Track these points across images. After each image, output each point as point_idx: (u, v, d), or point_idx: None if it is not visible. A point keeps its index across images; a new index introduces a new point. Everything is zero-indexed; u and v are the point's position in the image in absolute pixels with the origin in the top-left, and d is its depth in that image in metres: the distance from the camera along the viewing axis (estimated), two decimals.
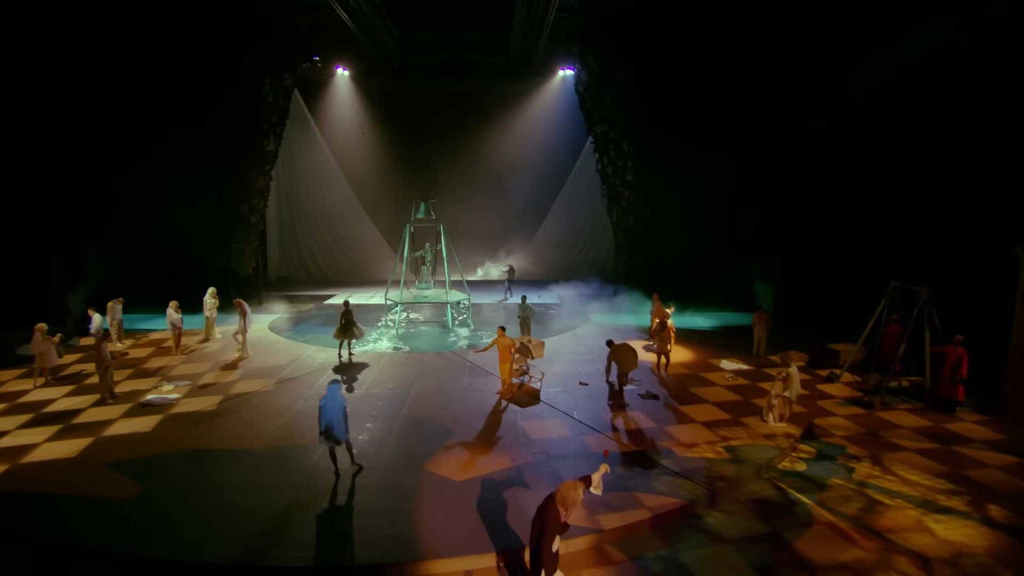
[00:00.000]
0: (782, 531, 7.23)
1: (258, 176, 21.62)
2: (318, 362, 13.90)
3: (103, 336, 13.21)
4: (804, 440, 9.93)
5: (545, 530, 5.29)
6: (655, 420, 10.47)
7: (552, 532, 5.26)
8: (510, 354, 11.72)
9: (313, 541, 6.90)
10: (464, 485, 8.18)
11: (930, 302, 11.65)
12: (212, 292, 16.11)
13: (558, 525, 5.30)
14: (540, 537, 5.27)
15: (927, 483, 8.44)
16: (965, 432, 10.29)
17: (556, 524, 5.29)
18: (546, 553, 5.26)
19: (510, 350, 11.74)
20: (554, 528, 5.27)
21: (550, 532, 5.27)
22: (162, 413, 10.78)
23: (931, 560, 6.65)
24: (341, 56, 24.85)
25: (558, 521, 5.31)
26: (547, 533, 5.27)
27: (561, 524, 5.33)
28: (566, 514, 5.37)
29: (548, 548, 5.27)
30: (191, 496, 7.90)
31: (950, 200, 13.01)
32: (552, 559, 5.30)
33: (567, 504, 5.34)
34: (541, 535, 5.27)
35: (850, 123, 15.61)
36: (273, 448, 9.37)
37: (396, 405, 11.26)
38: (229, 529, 7.13)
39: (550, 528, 5.27)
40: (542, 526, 5.30)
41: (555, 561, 5.34)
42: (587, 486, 5.60)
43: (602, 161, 22.29)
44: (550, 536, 5.26)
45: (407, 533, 7.05)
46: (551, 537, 5.27)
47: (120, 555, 6.71)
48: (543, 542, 5.28)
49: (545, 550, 5.26)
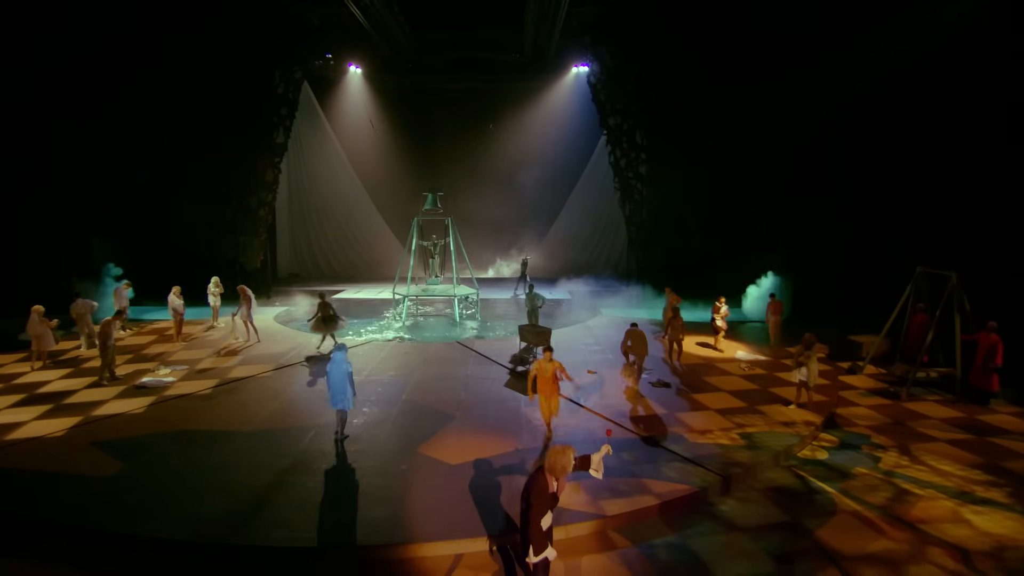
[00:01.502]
0: (802, 519, 6.64)
1: (267, 169, 21.43)
2: (320, 350, 13.53)
3: (113, 317, 12.86)
4: (825, 429, 9.29)
5: (532, 502, 4.78)
6: (666, 407, 9.91)
7: (540, 504, 4.75)
8: (556, 383, 8.51)
9: (294, 521, 6.46)
10: (459, 469, 7.71)
11: (960, 287, 10.95)
12: (216, 281, 15.89)
13: (546, 496, 4.79)
14: (527, 511, 4.78)
15: (962, 474, 7.78)
16: (1001, 424, 9.58)
17: (544, 495, 4.78)
18: (534, 528, 4.75)
19: (556, 378, 8.48)
20: (542, 500, 4.76)
21: (538, 504, 4.76)
22: (155, 395, 10.47)
23: (971, 552, 6.02)
24: (354, 54, 24.68)
25: (546, 492, 4.80)
26: (534, 506, 4.76)
27: (550, 495, 4.82)
28: (556, 484, 4.86)
29: (536, 523, 4.76)
30: (171, 475, 7.54)
31: (979, 178, 12.29)
32: (542, 535, 4.79)
33: (556, 471, 4.83)
34: (528, 508, 4.78)
35: (867, 104, 14.94)
36: (264, 430, 8.99)
37: (396, 391, 10.83)
38: (206, 507, 6.75)
39: (537, 500, 4.77)
40: (529, 498, 4.80)
41: (545, 538, 4.83)
42: (586, 468, 5.09)
43: (615, 154, 21.78)
44: (538, 509, 4.75)
45: (396, 515, 6.60)
46: (539, 510, 4.76)
47: (88, 530, 6.35)
48: (531, 516, 4.77)
49: (533, 524, 4.75)
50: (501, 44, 24.09)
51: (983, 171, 12.32)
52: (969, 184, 12.52)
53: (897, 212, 14.11)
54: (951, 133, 12.94)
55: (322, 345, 13.65)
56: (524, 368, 11.79)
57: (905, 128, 13.99)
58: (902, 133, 14.07)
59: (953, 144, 12.93)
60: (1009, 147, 11.80)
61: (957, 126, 12.78)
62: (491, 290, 21.65)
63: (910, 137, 13.87)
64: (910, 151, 13.87)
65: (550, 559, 4.87)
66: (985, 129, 12.36)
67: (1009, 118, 11.86)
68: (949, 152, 13.00)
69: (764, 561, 5.87)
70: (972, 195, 12.43)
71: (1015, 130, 11.77)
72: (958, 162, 12.79)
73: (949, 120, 12.91)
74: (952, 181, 12.83)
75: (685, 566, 5.83)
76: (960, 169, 12.72)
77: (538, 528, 4.76)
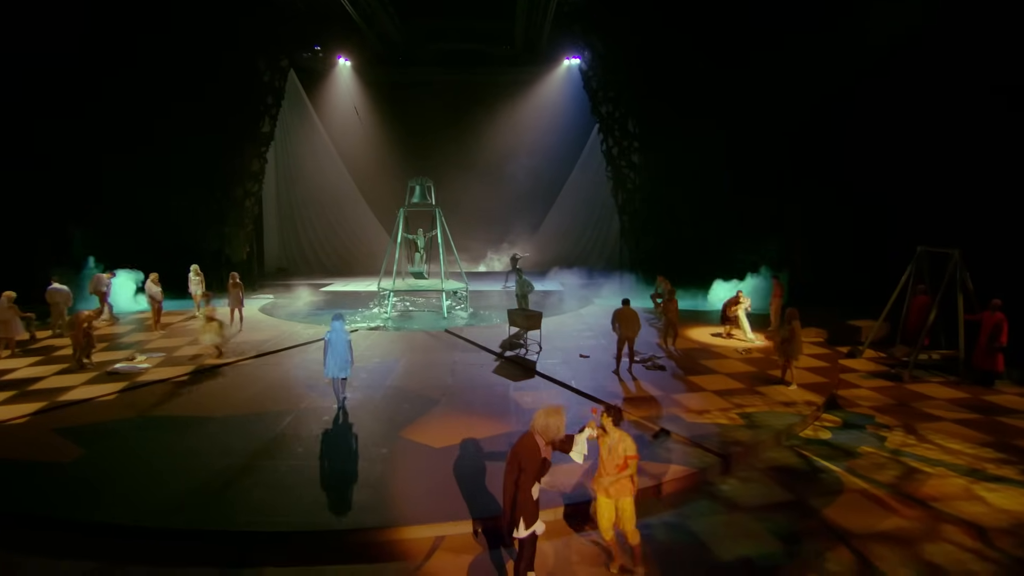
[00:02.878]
0: (808, 499, 6.24)
1: (253, 158, 20.95)
2: (303, 337, 13.05)
3: (92, 311, 12.28)
4: (827, 410, 8.91)
5: (523, 467, 4.35)
6: (662, 389, 9.51)
7: (531, 470, 4.32)
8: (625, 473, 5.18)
9: (265, 505, 6.01)
10: (443, 452, 7.27)
11: (963, 265, 10.62)
12: (195, 269, 15.38)
13: (536, 461, 4.36)
14: (517, 478, 4.35)
15: (972, 452, 7.41)
16: (1008, 404, 9.23)
17: (534, 460, 4.35)
18: (523, 496, 4.33)
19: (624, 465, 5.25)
20: (532, 465, 4.33)
21: (528, 469, 4.33)
22: (127, 381, 9.97)
23: (988, 530, 5.64)
24: (343, 46, 24.26)
25: (536, 456, 4.38)
26: (526, 471, 4.33)
27: (540, 460, 4.39)
28: (545, 447, 4.45)
29: (526, 491, 4.33)
30: (135, 460, 7.06)
31: (981, 154, 11.96)
32: (532, 506, 4.36)
33: (546, 433, 4.41)
34: (519, 475, 4.34)
35: (863, 84, 14.59)
36: (239, 416, 8.52)
37: (380, 377, 10.38)
38: (170, 491, 6.28)
39: (528, 464, 4.34)
40: (519, 464, 4.37)
41: (535, 509, 4.41)
42: (567, 450, 4.66)
43: (607, 142, 21.41)
44: (529, 475, 4.33)
45: (375, 499, 6.15)
46: (530, 476, 4.33)
47: (39, 516, 5.86)
48: (520, 482, 4.34)
49: (523, 493, 4.33)
50: (492, 36, 23.72)
51: (984, 148, 12.01)
52: (970, 162, 12.21)
53: (896, 193, 13.78)
54: (950, 111, 12.62)
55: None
56: (513, 353, 11.36)
57: (903, 107, 13.68)
58: (900, 112, 13.76)
59: (952, 122, 12.61)
60: (1009, 113, 11.46)
61: (956, 103, 12.47)
62: (482, 284, 21.20)
63: (908, 116, 13.56)
64: (908, 130, 13.54)
65: (538, 533, 4.45)
66: (984, 106, 12.05)
67: (1008, 94, 11.56)
68: (948, 130, 12.68)
69: (769, 541, 5.47)
70: (973, 173, 12.13)
71: (1015, 104, 11.46)
72: (958, 140, 12.48)
73: (948, 97, 12.60)
74: (952, 159, 12.51)
75: (684, 546, 5.42)
76: (960, 147, 12.40)
77: (528, 497, 4.33)
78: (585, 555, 5.30)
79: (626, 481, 4.93)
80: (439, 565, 5.18)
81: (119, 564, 5.23)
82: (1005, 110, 11.68)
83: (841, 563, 5.12)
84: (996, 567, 5.07)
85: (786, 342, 9.44)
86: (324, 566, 5.24)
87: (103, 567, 5.19)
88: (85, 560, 5.30)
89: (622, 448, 4.89)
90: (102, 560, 5.30)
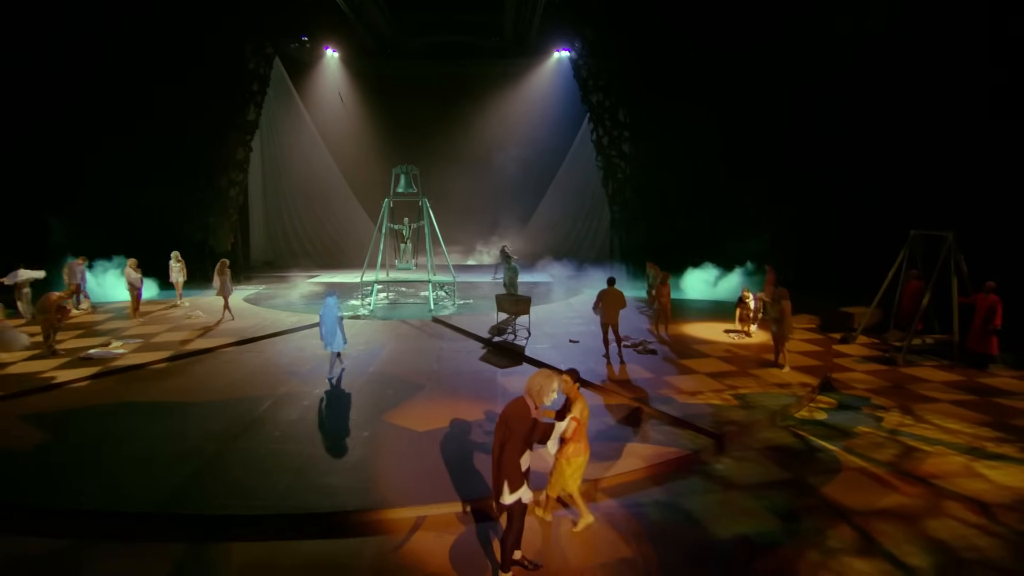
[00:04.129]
0: (806, 477, 6.03)
1: (238, 147, 20.51)
2: (286, 325, 12.71)
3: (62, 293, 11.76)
4: (821, 393, 8.73)
5: (511, 428, 4.09)
6: (653, 372, 9.29)
7: (519, 432, 4.06)
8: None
9: (238, 489, 5.71)
10: (426, 435, 6.99)
11: (957, 247, 10.49)
12: (176, 255, 14.94)
13: (525, 423, 4.10)
14: (504, 440, 4.09)
15: (970, 431, 7.25)
16: (1003, 386, 9.09)
17: (523, 422, 4.09)
18: (509, 460, 4.07)
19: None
20: (520, 427, 4.07)
21: (516, 431, 4.08)
22: (101, 366, 9.59)
23: (991, 506, 5.45)
24: (330, 37, 23.88)
25: (526, 419, 4.12)
26: (512, 432, 4.08)
27: (530, 422, 4.13)
28: (537, 411, 4.19)
29: (512, 454, 4.07)
30: (104, 447, 6.72)
31: (972, 138, 11.85)
32: (519, 471, 4.10)
33: (539, 396, 4.16)
34: (507, 437, 4.09)
35: (854, 68, 14.45)
36: (217, 401, 8.19)
37: (363, 364, 10.09)
38: (139, 478, 5.96)
39: (516, 426, 4.08)
40: (507, 426, 4.11)
41: (520, 474, 4.14)
42: (544, 440, 4.44)
43: (597, 131, 21.19)
44: (516, 437, 4.07)
45: (353, 482, 5.86)
46: (517, 439, 4.07)
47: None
48: (506, 445, 4.10)
49: (508, 456, 4.07)
50: (482, 28, 23.47)
51: (974, 133, 11.90)
52: (960, 146, 12.09)
53: (888, 178, 13.67)
54: (940, 96, 12.52)
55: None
56: (501, 339, 11.10)
57: (893, 92, 13.58)
58: (890, 98, 13.65)
59: (943, 106, 12.50)
60: (998, 96, 11.36)
61: (946, 88, 12.37)
62: (471, 276, 20.89)
63: (898, 102, 13.46)
64: (898, 116, 13.44)
65: (525, 501, 4.19)
66: (974, 91, 11.96)
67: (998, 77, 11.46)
68: (938, 114, 12.57)
69: (767, 519, 5.25)
70: (964, 157, 12.01)
71: (1005, 87, 11.36)
72: (948, 124, 12.36)
73: (938, 82, 12.50)
74: (943, 143, 12.39)
75: (678, 525, 5.18)
76: (951, 131, 12.28)
77: (515, 461, 4.08)
78: (573, 535, 5.04)
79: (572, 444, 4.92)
80: (421, 544, 4.91)
81: (87, 541, 4.92)
82: (994, 93, 11.59)
83: (843, 540, 4.91)
84: (1002, 541, 4.89)
85: (776, 322, 9.26)
86: (300, 541, 4.96)
87: (73, 545, 4.90)
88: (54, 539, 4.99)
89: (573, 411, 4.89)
90: (71, 538, 5.00)
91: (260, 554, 4.83)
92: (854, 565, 4.57)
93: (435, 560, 4.68)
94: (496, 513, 5.06)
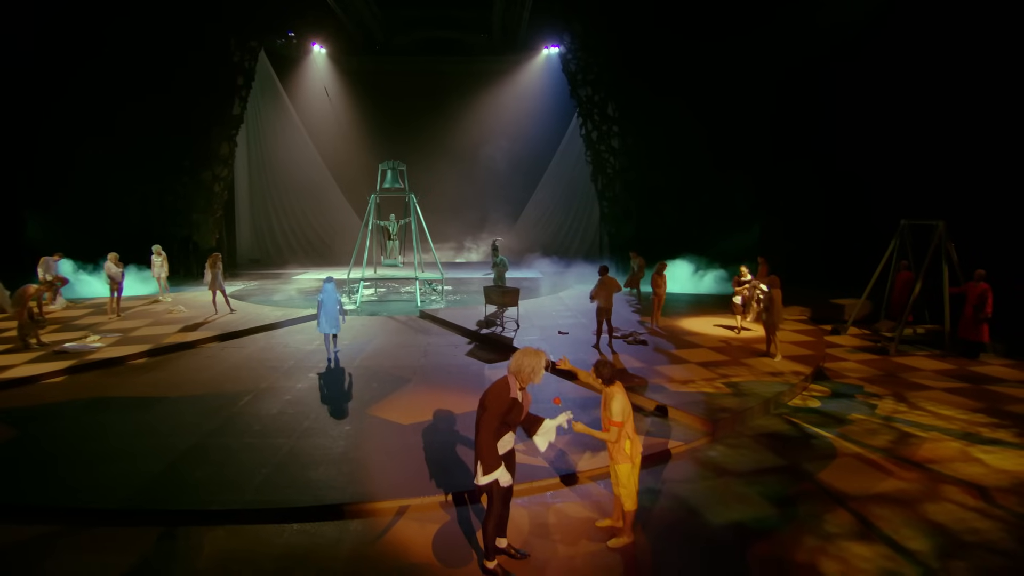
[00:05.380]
0: (801, 463, 5.88)
1: (222, 142, 20.14)
2: (269, 320, 12.42)
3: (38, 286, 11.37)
4: (814, 382, 8.61)
5: (486, 406, 3.92)
6: (644, 361, 9.12)
7: (494, 409, 3.88)
8: None
9: (213, 483, 5.46)
10: (411, 428, 6.77)
11: (947, 236, 10.42)
12: (157, 249, 14.55)
13: (502, 401, 3.91)
14: (480, 417, 3.92)
15: (964, 417, 7.14)
16: (995, 374, 9.02)
17: (500, 400, 3.90)
18: (485, 439, 3.88)
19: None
20: (496, 404, 3.88)
21: (492, 408, 3.89)
22: (76, 359, 9.26)
23: (989, 489, 5.33)
24: (317, 32, 23.58)
25: (503, 396, 3.93)
26: (489, 410, 3.90)
27: (508, 400, 3.94)
28: (518, 390, 4.00)
29: (489, 432, 3.88)
30: (74, 442, 6.43)
31: (960, 127, 11.82)
32: (493, 450, 3.90)
33: (522, 375, 3.97)
34: (482, 414, 3.92)
35: (839, 59, 14.41)
36: (194, 396, 7.90)
37: (348, 358, 9.84)
38: (113, 472, 5.70)
39: (492, 403, 3.90)
40: (483, 403, 3.94)
41: (499, 458, 3.94)
42: (532, 430, 4.21)
43: (586, 126, 21.07)
44: (492, 414, 3.88)
45: (334, 476, 5.62)
46: (493, 416, 3.88)
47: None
48: (481, 422, 3.92)
49: (484, 434, 3.89)
50: (470, 24, 23.29)
51: (962, 122, 11.88)
52: (948, 135, 12.07)
53: (877, 168, 13.63)
54: (928, 83, 12.50)
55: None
56: (489, 330, 10.89)
57: (879, 83, 13.55)
58: (876, 89, 13.62)
59: (930, 94, 12.48)
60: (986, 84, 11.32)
61: (932, 76, 12.34)
62: (461, 272, 20.66)
63: (884, 92, 13.42)
64: (886, 104, 13.41)
65: (502, 483, 3.99)
66: (962, 79, 11.93)
67: (986, 65, 11.43)
68: (927, 102, 12.55)
69: (762, 504, 5.09)
70: (952, 146, 11.99)
71: (993, 75, 11.34)
72: (936, 111, 12.34)
73: (924, 71, 12.47)
74: (932, 132, 12.36)
75: (671, 512, 5.01)
76: (939, 119, 12.26)
77: (490, 440, 3.89)
78: (564, 523, 4.85)
79: (620, 446, 4.40)
80: (404, 533, 4.69)
81: (59, 530, 4.66)
82: (983, 81, 11.56)
83: (840, 525, 4.75)
84: (1002, 524, 4.76)
85: (766, 310, 9.13)
86: (280, 527, 4.73)
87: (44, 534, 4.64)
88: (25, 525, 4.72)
89: (607, 411, 4.40)
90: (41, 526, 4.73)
91: (236, 544, 4.59)
92: (853, 549, 4.41)
93: (417, 549, 4.47)
94: (477, 495, 4.87)
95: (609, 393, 4.42)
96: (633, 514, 4.51)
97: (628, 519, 4.50)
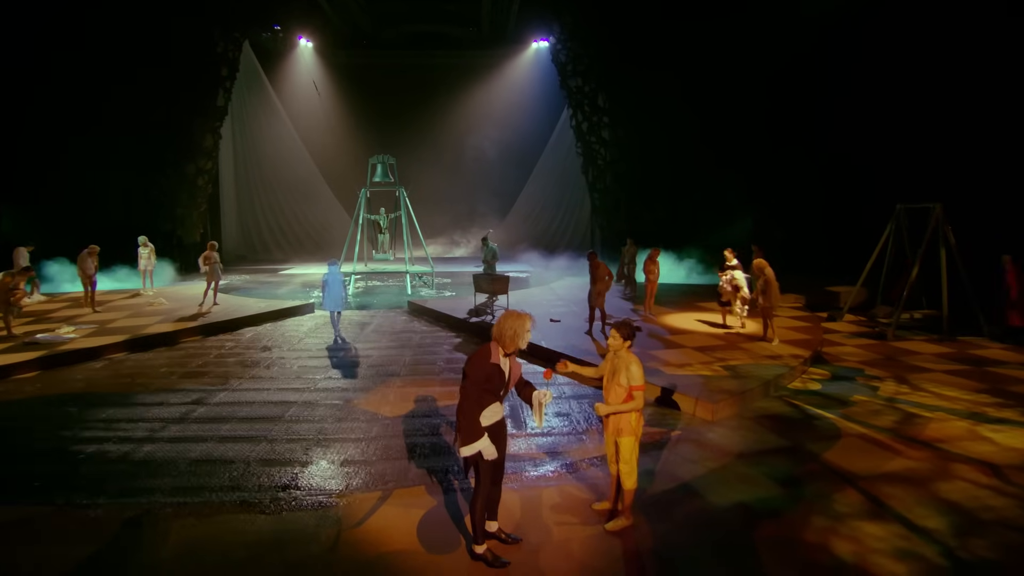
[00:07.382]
0: (805, 444, 5.63)
1: (206, 133, 19.69)
2: (252, 312, 12.05)
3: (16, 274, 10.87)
4: (813, 366, 8.38)
5: (466, 373, 3.65)
6: (639, 346, 8.80)
7: (473, 376, 3.60)
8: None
9: (188, 476, 5.13)
10: (395, 420, 6.44)
11: (944, 219, 10.25)
12: (144, 240, 14.08)
13: (483, 368, 3.62)
14: (461, 385, 3.65)
15: (968, 398, 6.94)
16: (995, 357, 8.84)
17: (481, 367, 3.61)
18: (464, 408, 3.60)
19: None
20: (476, 371, 3.60)
21: (472, 376, 3.61)
22: (46, 351, 8.85)
23: (1001, 467, 5.10)
24: (303, 26, 23.19)
25: (484, 363, 3.64)
26: (469, 377, 3.62)
27: (489, 367, 3.64)
28: (501, 356, 3.71)
29: (468, 402, 3.60)
30: (48, 435, 6.08)
31: (958, 108, 11.67)
32: (473, 421, 3.60)
33: (505, 339, 3.68)
34: (462, 381, 3.65)
35: (831, 43, 14.26)
36: (165, 390, 7.50)
37: (336, 350, 9.51)
38: (84, 468, 5.35)
39: (472, 371, 3.62)
40: (464, 371, 3.66)
41: (481, 429, 3.64)
42: (527, 397, 3.92)
43: (576, 117, 20.83)
44: (472, 381, 3.60)
45: (315, 468, 5.30)
46: (473, 383, 3.60)
47: None
48: (462, 390, 3.64)
49: (464, 403, 3.61)
50: (458, 17, 22.98)
51: (958, 103, 11.73)
52: (944, 116, 11.92)
53: (872, 153, 13.46)
54: (923, 65, 12.34)
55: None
56: (479, 319, 10.60)
57: (874, 63, 13.38)
58: (871, 68, 13.45)
59: (925, 78, 12.33)
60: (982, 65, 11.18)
61: (929, 57, 12.19)
62: (451, 267, 20.34)
63: (880, 72, 13.26)
64: (879, 88, 13.26)
65: (486, 456, 3.69)
66: (957, 61, 11.79)
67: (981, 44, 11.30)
68: (921, 86, 12.40)
69: (767, 485, 4.83)
70: (948, 127, 11.83)
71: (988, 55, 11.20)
72: (931, 95, 12.20)
73: (921, 51, 12.31)
74: (926, 114, 12.21)
75: (672, 494, 4.73)
76: (935, 102, 12.11)
77: (471, 408, 3.60)
78: (558, 506, 4.57)
79: (627, 417, 4.10)
80: (386, 519, 4.37)
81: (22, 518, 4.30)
82: (976, 63, 11.42)
83: (851, 504, 4.50)
84: (1018, 501, 4.53)
85: (762, 294, 8.88)
86: (251, 516, 4.41)
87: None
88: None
89: (625, 376, 4.04)
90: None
91: (204, 531, 4.25)
92: (866, 529, 4.16)
93: (400, 536, 4.16)
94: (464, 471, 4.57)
95: (625, 359, 4.12)
96: (633, 493, 4.23)
97: (628, 499, 4.22)
